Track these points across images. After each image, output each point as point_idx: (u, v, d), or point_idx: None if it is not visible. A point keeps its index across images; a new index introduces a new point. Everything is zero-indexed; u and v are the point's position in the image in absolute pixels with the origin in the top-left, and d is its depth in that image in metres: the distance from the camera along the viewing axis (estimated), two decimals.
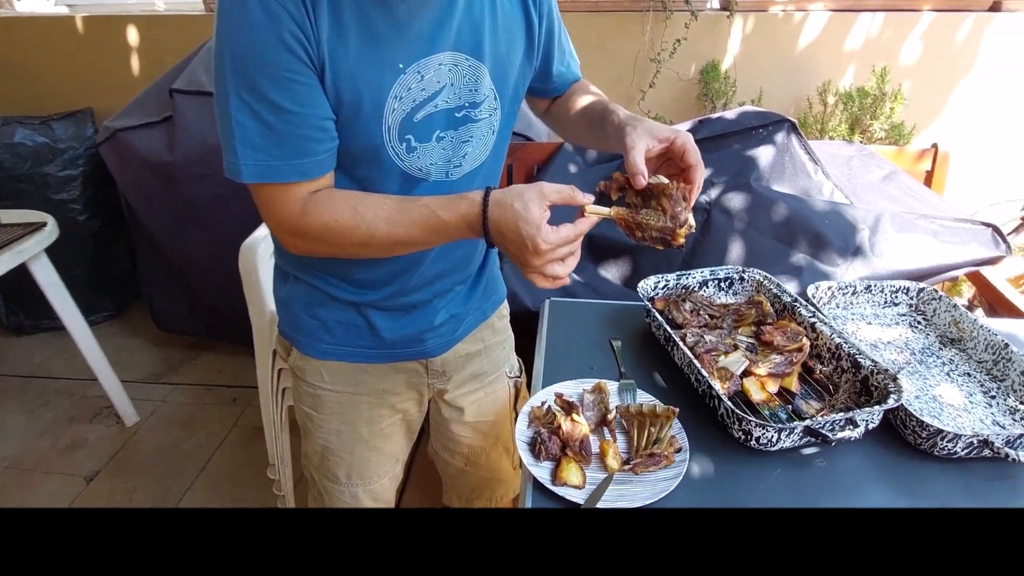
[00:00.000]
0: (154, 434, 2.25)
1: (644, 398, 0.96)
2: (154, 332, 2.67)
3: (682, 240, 0.78)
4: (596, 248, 1.57)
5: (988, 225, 1.47)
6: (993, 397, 1.01)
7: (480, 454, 1.12)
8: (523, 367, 1.18)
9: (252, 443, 2.17)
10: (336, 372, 0.97)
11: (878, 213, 1.44)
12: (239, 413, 2.33)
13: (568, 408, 0.89)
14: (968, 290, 2.14)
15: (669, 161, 0.82)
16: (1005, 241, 1.44)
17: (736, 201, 1.43)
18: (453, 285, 0.96)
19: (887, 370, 0.92)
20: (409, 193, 0.81)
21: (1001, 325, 1.23)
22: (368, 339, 0.94)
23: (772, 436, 0.83)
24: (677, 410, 0.86)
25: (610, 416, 0.89)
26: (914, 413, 0.86)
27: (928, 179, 1.82)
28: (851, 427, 0.84)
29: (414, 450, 1.13)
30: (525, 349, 1.21)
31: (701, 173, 0.80)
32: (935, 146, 1.78)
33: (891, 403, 0.85)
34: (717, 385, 0.90)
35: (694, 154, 0.79)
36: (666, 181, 0.79)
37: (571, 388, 0.98)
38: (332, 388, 0.98)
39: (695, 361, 0.95)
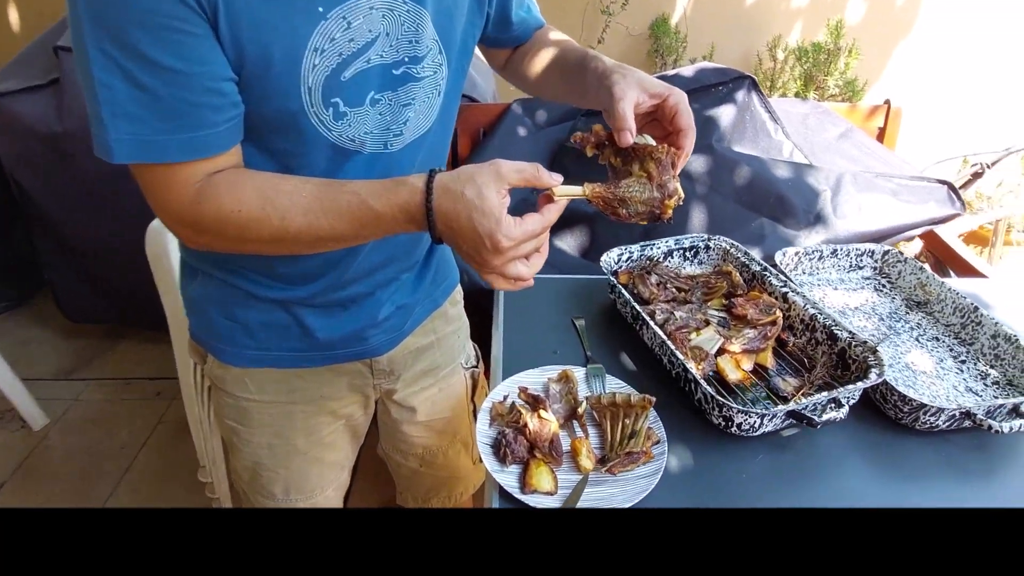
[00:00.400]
0: (67, 437, 2.04)
1: (614, 384, 0.89)
2: (62, 322, 2.41)
3: (670, 212, 0.69)
4: None
5: (944, 183, 1.46)
6: (963, 362, 0.99)
7: (436, 454, 1.03)
8: (480, 355, 1.09)
9: (181, 441, 2.00)
10: (263, 380, 0.84)
11: (839, 174, 1.41)
12: (164, 408, 2.14)
13: (534, 403, 0.81)
14: (911, 248, 2.19)
15: (655, 122, 0.73)
16: (960, 199, 1.44)
17: (697, 164, 1.36)
18: (398, 274, 0.84)
19: (865, 342, 0.88)
20: (340, 168, 0.69)
21: (962, 286, 1.22)
22: (299, 341, 0.82)
23: (755, 422, 0.78)
24: (654, 400, 0.79)
25: (580, 409, 0.81)
26: (896, 387, 0.82)
27: (881, 136, 1.81)
28: (835, 407, 0.79)
29: (361, 447, 1.02)
30: (480, 332, 1.11)
31: (692, 139, 0.71)
32: (887, 102, 1.76)
33: (873, 378, 0.81)
34: (693, 368, 0.84)
35: (687, 116, 0.70)
36: (653, 142, 0.69)
37: (535, 378, 0.89)
38: (259, 399, 0.85)
39: (668, 342, 0.88)
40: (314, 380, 0.86)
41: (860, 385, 0.80)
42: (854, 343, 0.89)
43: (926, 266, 1.14)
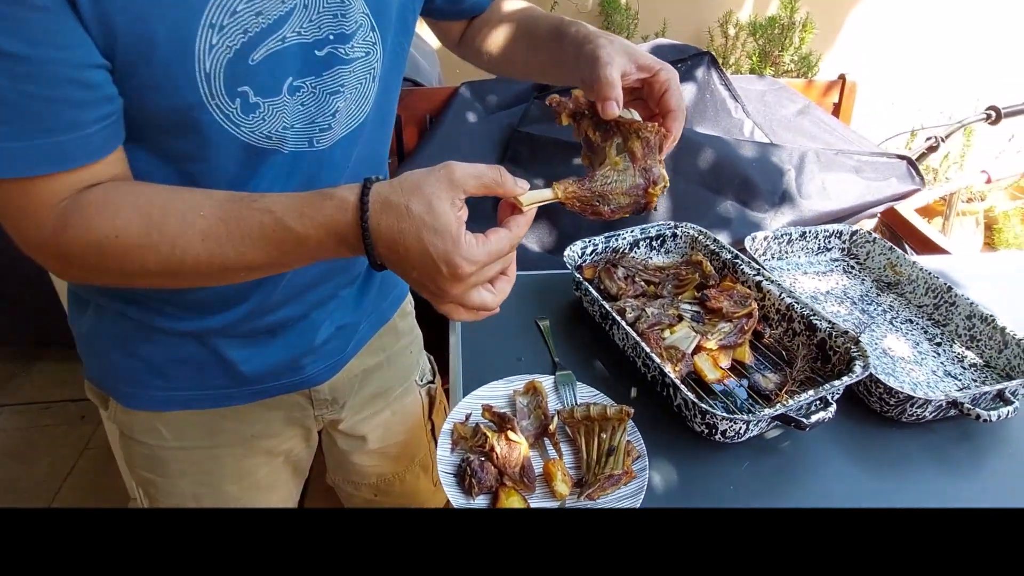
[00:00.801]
0: None
1: (586, 392, 0.83)
2: None
3: (656, 201, 0.61)
4: None
5: (903, 158, 1.46)
6: (939, 344, 0.97)
7: (393, 481, 0.94)
8: (435, 368, 1.00)
9: (110, 468, 1.84)
10: (180, 424, 0.73)
11: (802, 152, 1.38)
12: (90, 433, 1.97)
13: (501, 423, 0.73)
14: (867, 225, 2.22)
15: (638, 101, 0.65)
16: (920, 174, 1.43)
17: None
18: (336, 290, 0.74)
19: (847, 332, 0.84)
20: (256, 173, 0.58)
21: (927, 264, 1.21)
22: (220, 378, 0.71)
23: (740, 428, 0.73)
24: (631, 412, 0.72)
25: (552, 426, 0.74)
26: (882, 380, 0.79)
27: (836, 111, 1.80)
28: (822, 406, 0.75)
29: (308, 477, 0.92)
30: (436, 342, 1.03)
31: (682, 122, 0.63)
32: (843, 77, 1.75)
33: (859, 372, 0.78)
34: (671, 372, 0.78)
35: (677, 96, 0.62)
36: (639, 118, 0.61)
37: (500, 392, 0.82)
38: (177, 445, 0.74)
39: (641, 343, 0.82)
40: (242, 419, 0.76)
41: (846, 380, 0.76)
42: (835, 334, 0.85)
43: (910, 252, 1.12)
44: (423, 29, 1.00)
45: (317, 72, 0.58)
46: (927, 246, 1.51)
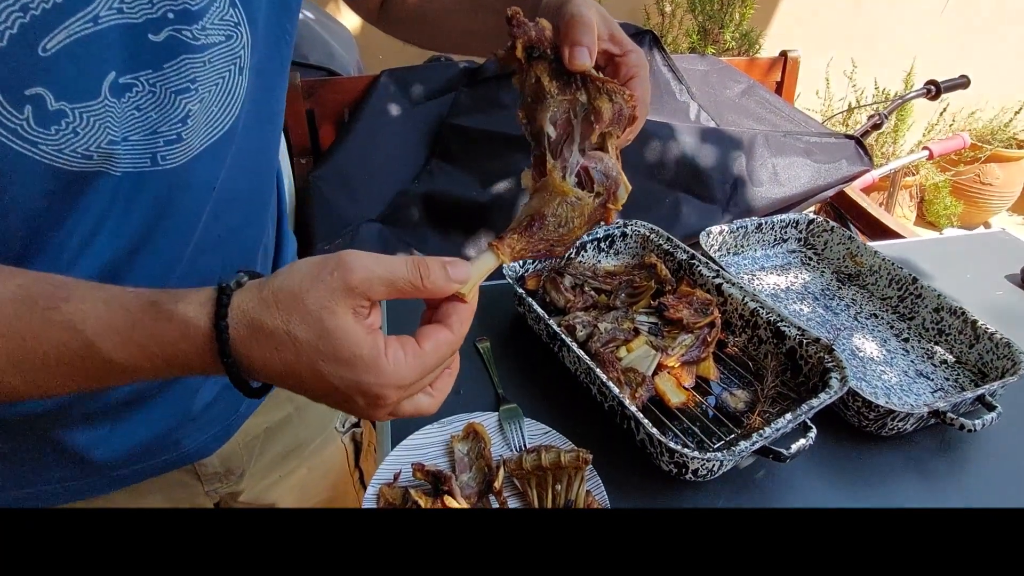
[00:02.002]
0: None
1: (535, 431, 0.72)
2: None
3: (613, 217, 0.50)
4: (437, 209, 1.27)
5: (851, 138, 1.42)
6: (906, 340, 0.92)
7: None
8: None
9: None
10: None
11: (751, 135, 1.32)
12: None
13: (436, 483, 0.61)
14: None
15: None
16: (868, 154, 1.40)
17: None
18: None
19: (819, 339, 0.77)
20: (73, 207, 0.44)
21: (882, 249, 1.17)
22: (64, 469, 0.56)
23: (713, 466, 0.64)
24: (590, 457, 0.62)
25: (497, 482, 0.63)
26: (860, 393, 0.72)
27: (779, 89, 1.76)
28: (802, 430, 0.67)
29: None
30: None
31: (645, 114, 0.52)
32: (784, 54, 1.71)
33: (836, 388, 0.70)
34: (631, 404, 0.68)
35: (644, 86, 0.51)
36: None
37: (436, 438, 0.70)
38: None
39: (595, 369, 0.72)
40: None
41: (824, 399, 0.69)
42: (805, 342, 0.78)
43: (855, 234, 1.07)
44: (336, 7, 0.85)
45: (155, 64, 0.44)
46: (875, 228, 1.48)
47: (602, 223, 0.49)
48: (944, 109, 2.81)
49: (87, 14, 0.39)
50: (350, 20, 1.96)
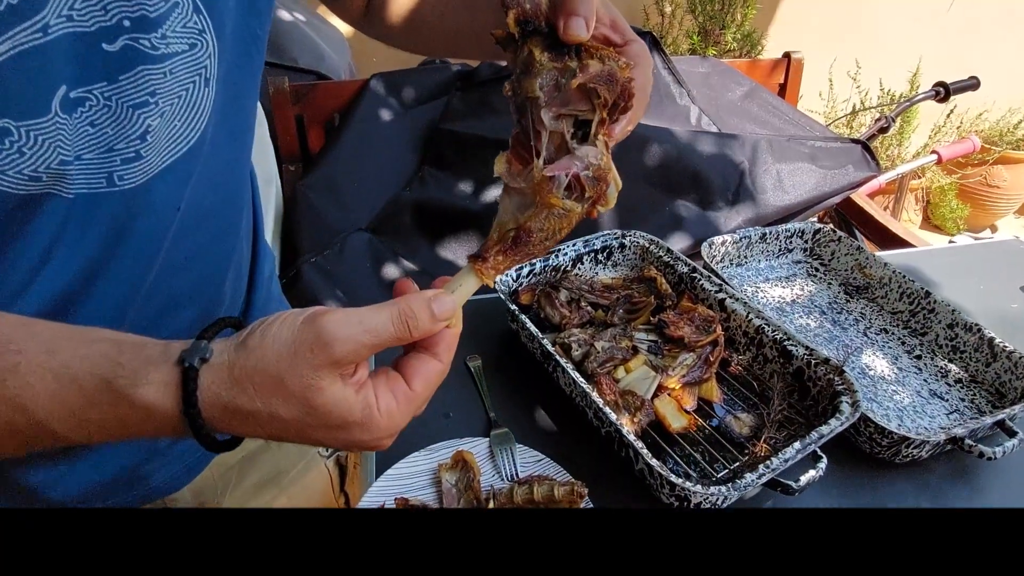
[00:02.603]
0: None
1: (527, 458, 0.69)
2: None
3: (601, 210, 0.46)
4: (429, 217, 1.23)
5: (857, 142, 1.38)
6: (919, 357, 0.88)
7: None
8: None
9: None
10: None
11: (754, 141, 1.28)
12: None
13: None
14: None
15: None
16: (875, 159, 1.36)
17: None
18: None
19: (828, 360, 0.73)
20: (20, 232, 0.40)
21: (896, 261, 1.13)
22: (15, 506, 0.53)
23: (717, 499, 0.60)
24: (585, 492, 0.59)
25: None
26: (873, 418, 0.68)
27: (782, 91, 1.72)
28: (812, 461, 0.63)
29: None
30: None
31: (642, 109, 0.48)
32: (788, 55, 1.67)
33: (847, 413, 0.66)
34: (629, 430, 0.64)
35: (643, 76, 0.48)
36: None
37: (422, 466, 0.67)
38: None
39: (590, 393, 0.69)
40: None
41: (835, 427, 0.65)
42: (814, 362, 0.74)
43: (863, 245, 1.03)
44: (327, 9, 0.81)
45: (110, 76, 0.40)
46: (882, 235, 1.45)
47: (592, 214, 0.45)
48: (951, 110, 2.77)
49: (35, 23, 0.36)
50: (343, 22, 1.92)
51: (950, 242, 1.99)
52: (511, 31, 0.45)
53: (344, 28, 1.88)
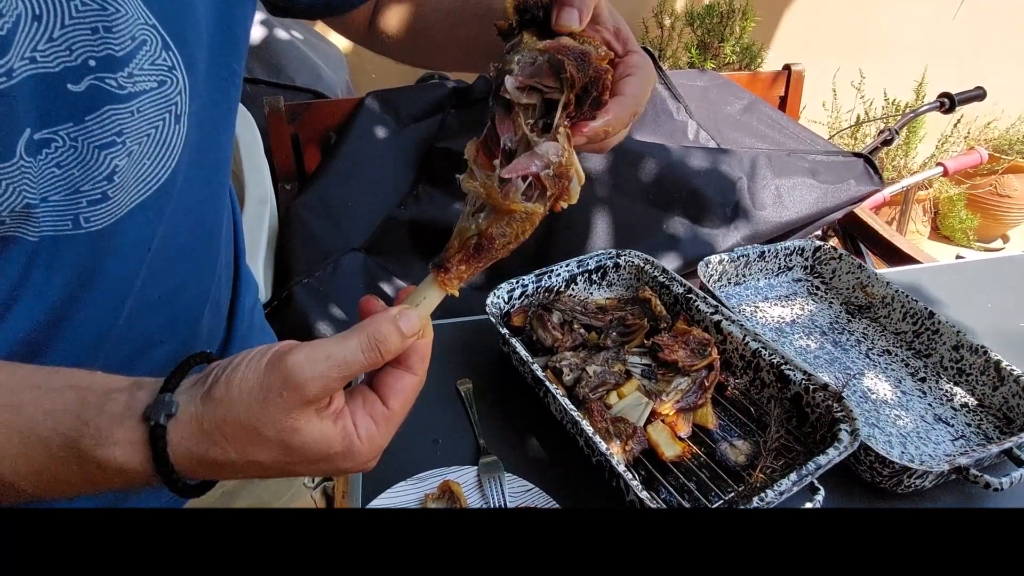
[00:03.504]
0: None
1: (517, 488, 0.67)
2: None
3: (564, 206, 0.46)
4: (424, 236, 1.23)
5: (859, 156, 1.36)
6: (923, 380, 0.86)
7: None
8: None
9: None
10: None
11: (753, 156, 1.27)
12: None
13: None
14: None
15: None
16: (878, 173, 1.34)
17: (594, 159, 1.16)
18: None
19: (827, 386, 0.71)
20: None
21: (895, 277, 1.11)
22: None
23: None
24: None
25: None
26: (873, 447, 0.66)
27: (783, 105, 1.71)
28: (810, 492, 0.61)
29: None
30: None
31: (633, 111, 0.48)
32: (788, 67, 1.66)
33: (845, 443, 0.64)
34: (619, 460, 0.63)
35: (639, 84, 0.47)
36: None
37: (409, 496, 0.66)
38: None
39: (580, 421, 0.67)
40: None
41: (833, 457, 0.63)
42: (812, 388, 0.72)
43: (865, 263, 1.01)
44: (327, 27, 0.81)
45: (75, 117, 0.40)
46: (888, 250, 1.43)
47: (557, 208, 0.45)
48: (958, 120, 2.74)
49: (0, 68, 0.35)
50: (340, 39, 1.93)
51: (957, 257, 1.96)
52: (510, 18, 0.46)
53: (342, 44, 1.89)
